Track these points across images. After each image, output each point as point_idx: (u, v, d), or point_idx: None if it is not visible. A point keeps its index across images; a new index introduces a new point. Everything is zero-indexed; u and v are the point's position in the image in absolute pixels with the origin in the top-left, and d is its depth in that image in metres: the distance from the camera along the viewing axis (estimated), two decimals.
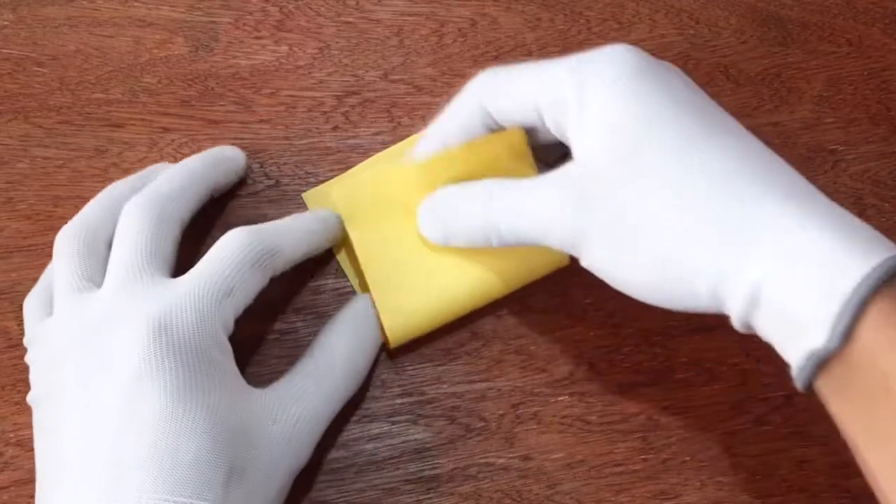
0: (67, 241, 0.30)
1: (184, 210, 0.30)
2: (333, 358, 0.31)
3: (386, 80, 0.37)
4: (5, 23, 0.36)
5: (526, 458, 0.33)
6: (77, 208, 0.34)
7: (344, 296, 0.34)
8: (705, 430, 0.34)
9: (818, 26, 0.39)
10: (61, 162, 0.35)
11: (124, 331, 0.27)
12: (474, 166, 0.31)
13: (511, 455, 0.33)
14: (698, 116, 0.27)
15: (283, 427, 0.28)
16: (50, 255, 0.33)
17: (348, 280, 0.34)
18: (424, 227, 0.32)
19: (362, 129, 0.36)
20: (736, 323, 0.26)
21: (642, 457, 0.33)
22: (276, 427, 0.28)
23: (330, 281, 0.34)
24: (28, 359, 0.29)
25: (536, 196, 0.29)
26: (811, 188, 0.26)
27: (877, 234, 0.24)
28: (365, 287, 0.33)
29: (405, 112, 0.36)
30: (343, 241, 0.34)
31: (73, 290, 0.29)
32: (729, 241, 0.25)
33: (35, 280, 0.33)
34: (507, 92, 0.30)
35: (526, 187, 0.29)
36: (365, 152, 0.36)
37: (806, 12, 0.39)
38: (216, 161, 0.33)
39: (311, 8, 0.37)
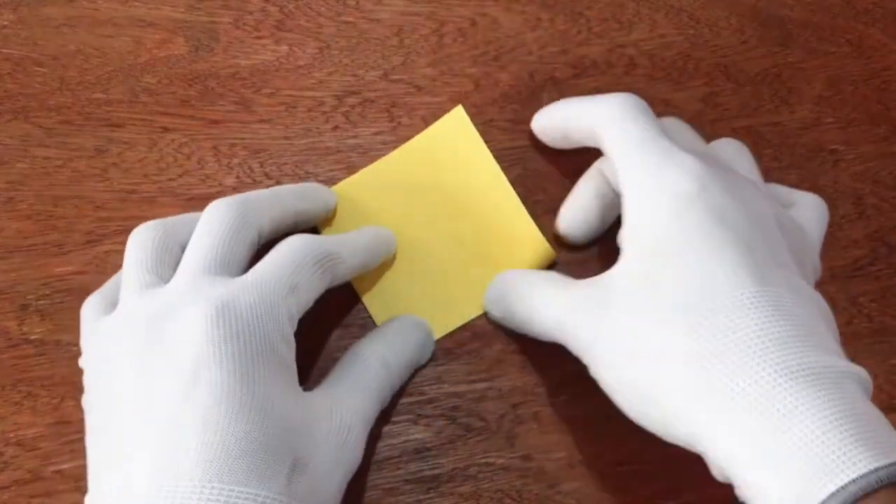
0: (140, 237, 0.29)
1: (264, 219, 0.30)
2: (372, 370, 0.30)
3: (386, 80, 0.37)
4: (5, 23, 0.36)
5: (526, 458, 0.33)
6: (77, 208, 0.34)
7: (343, 295, 0.34)
8: None
9: (818, 26, 0.39)
10: (61, 162, 0.35)
11: (186, 317, 0.26)
12: (429, 152, 0.35)
13: (511, 455, 0.33)
14: (739, 257, 0.27)
15: (340, 424, 0.27)
16: (49, 255, 0.33)
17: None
18: (486, 304, 0.34)
19: (362, 129, 0.36)
20: (718, 479, 0.26)
21: (643, 457, 0.33)
22: (333, 423, 0.27)
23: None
24: (82, 361, 0.28)
25: (565, 298, 0.30)
26: (826, 365, 0.25)
27: (876, 435, 0.23)
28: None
29: (405, 112, 0.36)
30: None
31: (140, 286, 0.28)
32: (715, 404, 0.25)
33: (34, 280, 0.33)
34: (579, 129, 0.32)
35: (562, 285, 0.31)
36: (365, 152, 0.36)
37: (806, 12, 0.39)
38: (306, 193, 0.32)
39: (311, 8, 0.37)
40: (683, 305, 0.26)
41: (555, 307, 0.30)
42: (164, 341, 0.26)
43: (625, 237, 0.29)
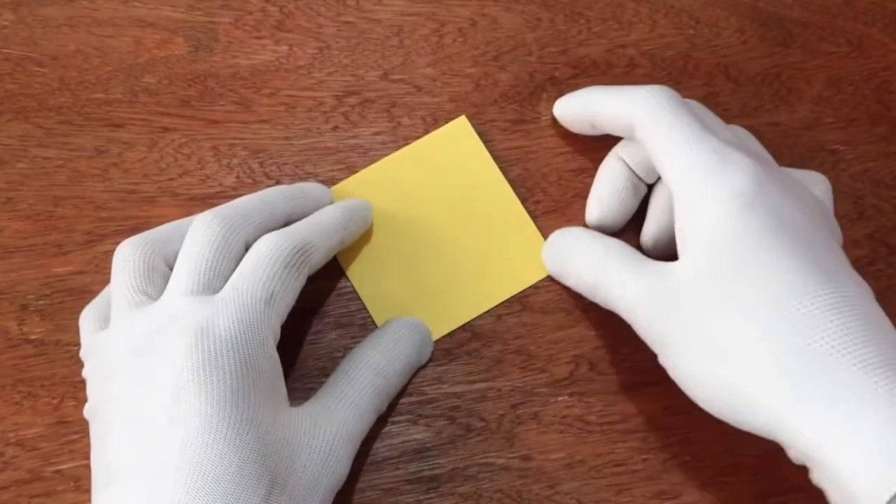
0: (124, 255, 0.29)
1: (251, 227, 0.30)
2: (366, 379, 0.30)
3: (386, 80, 0.37)
4: (5, 23, 0.36)
5: (526, 458, 0.33)
6: (77, 208, 0.34)
7: (343, 295, 0.34)
8: (706, 430, 0.34)
9: (818, 26, 0.39)
10: (61, 162, 0.35)
11: (168, 343, 0.26)
12: (430, 156, 0.35)
13: (511, 455, 0.33)
14: (807, 256, 0.27)
15: (323, 441, 0.28)
16: (49, 255, 0.33)
17: (348, 280, 0.34)
18: (546, 255, 0.34)
19: (362, 129, 0.36)
20: (794, 462, 0.27)
21: (643, 457, 0.33)
22: (315, 441, 0.28)
23: (330, 281, 0.34)
24: (84, 372, 0.29)
25: (635, 284, 0.30)
26: None
27: None
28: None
29: (405, 112, 0.36)
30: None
31: (128, 305, 0.28)
32: (799, 395, 0.25)
33: (34, 280, 0.33)
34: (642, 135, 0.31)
35: (633, 267, 0.30)
36: (365, 152, 0.36)
37: (806, 12, 0.39)
38: (296, 194, 0.32)
39: (311, 8, 0.37)
40: (762, 303, 0.27)
41: (628, 292, 0.30)
42: (150, 364, 0.26)
43: (681, 235, 0.29)
